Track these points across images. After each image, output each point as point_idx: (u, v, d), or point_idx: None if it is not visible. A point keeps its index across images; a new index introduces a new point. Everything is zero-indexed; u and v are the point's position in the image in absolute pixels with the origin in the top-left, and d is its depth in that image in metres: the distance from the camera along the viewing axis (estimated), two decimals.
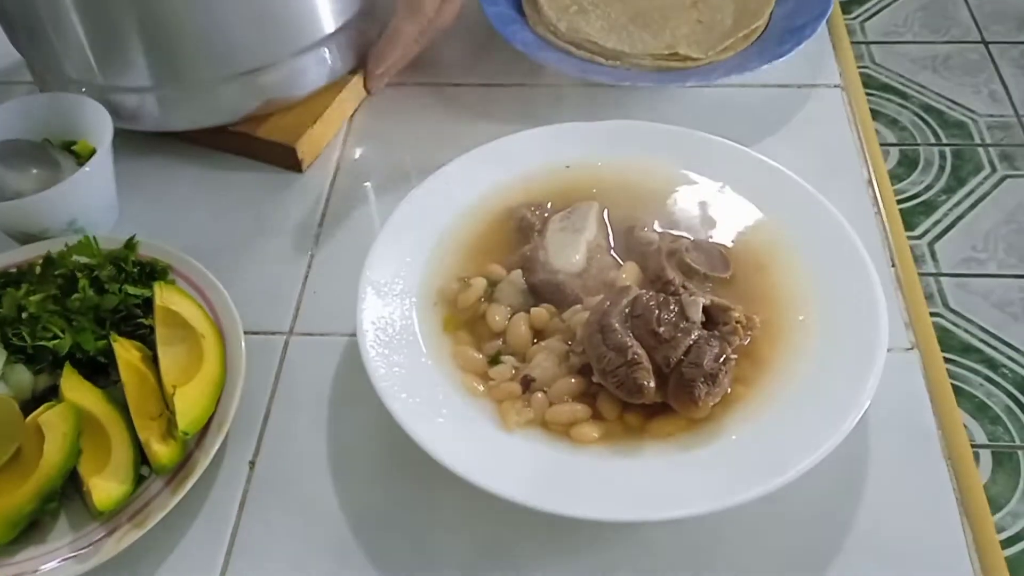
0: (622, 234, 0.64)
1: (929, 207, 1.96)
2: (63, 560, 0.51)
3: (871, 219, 0.68)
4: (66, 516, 0.53)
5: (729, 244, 0.63)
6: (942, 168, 2.03)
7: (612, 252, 0.63)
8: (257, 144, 0.74)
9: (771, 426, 0.52)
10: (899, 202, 1.98)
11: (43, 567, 0.50)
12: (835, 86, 0.79)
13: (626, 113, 0.77)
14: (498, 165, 0.68)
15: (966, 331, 1.73)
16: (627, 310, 0.55)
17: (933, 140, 2.08)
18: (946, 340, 1.71)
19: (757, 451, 0.52)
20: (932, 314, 1.77)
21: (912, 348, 0.60)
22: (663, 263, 0.59)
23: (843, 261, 0.59)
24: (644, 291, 0.56)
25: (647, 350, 0.54)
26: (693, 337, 0.54)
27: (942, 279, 1.82)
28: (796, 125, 0.76)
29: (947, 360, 1.68)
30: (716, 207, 0.65)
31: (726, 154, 0.67)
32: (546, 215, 0.65)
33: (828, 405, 0.52)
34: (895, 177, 2.02)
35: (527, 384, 0.56)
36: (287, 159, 0.74)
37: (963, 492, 0.54)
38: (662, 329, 0.54)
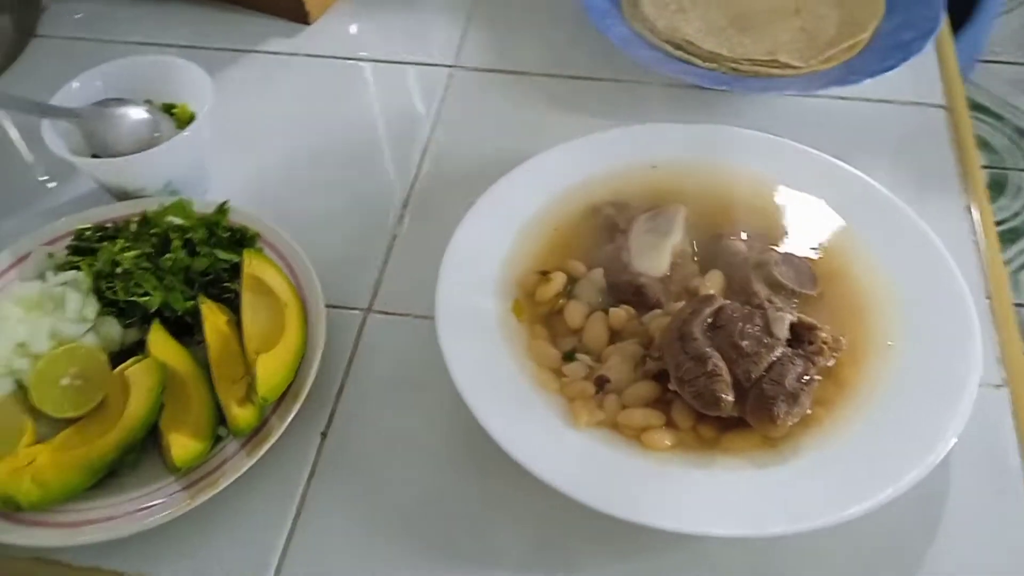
0: (708, 241, 0.63)
1: (1016, 235, 1.89)
2: (139, 511, 0.52)
3: (968, 246, 0.65)
4: (144, 468, 0.55)
5: (818, 260, 0.61)
6: None
7: (696, 259, 0.62)
8: None
9: (850, 453, 0.51)
10: None
11: (118, 515, 0.52)
12: (939, 106, 0.76)
13: (716, 117, 0.76)
14: (585, 160, 0.67)
15: None
16: (710, 320, 0.55)
17: None
18: None
19: (833, 478, 0.50)
20: None
21: (1002, 385, 0.58)
22: (750, 275, 0.58)
23: (938, 288, 0.57)
24: (729, 302, 0.56)
25: (727, 362, 0.53)
26: (777, 354, 0.53)
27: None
28: (895, 143, 0.74)
29: None
30: (807, 221, 0.63)
31: (821, 167, 0.65)
32: (631, 215, 0.64)
33: (912, 437, 0.51)
34: None
35: (601, 384, 0.55)
36: (296, 11, 0.86)
37: None
38: (745, 343, 0.53)
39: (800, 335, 0.54)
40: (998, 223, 1.90)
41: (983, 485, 0.54)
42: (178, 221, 0.63)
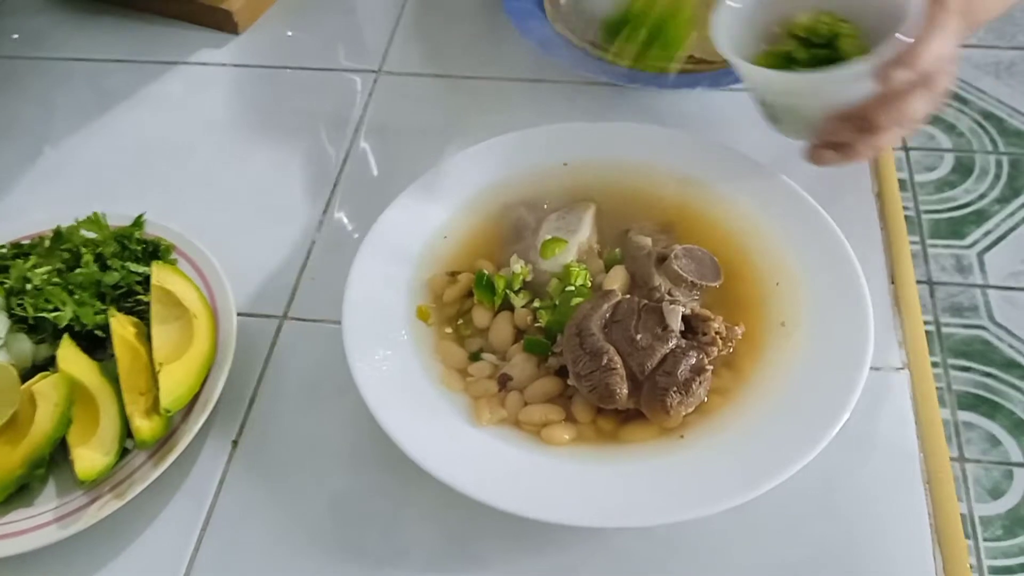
0: (614, 237, 0.64)
1: (981, 216, 1.89)
2: (46, 525, 0.53)
3: (875, 232, 0.66)
4: (54, 482, 0.56)
5: (722, 252, 0.62)
6: (998, 177, 1.96)
7: (601, 255, 0.63)
8: (197, 8, 0.89)
9: (743, 439, 0.52)
10: (950, 210, 1.92)
11: (27, 530, 0.53)
12: None
13: (636, 114, 0.77)
14: (498, 161, 0.68)
15: (1010, 346, 1.66)
16: (608, 315, 0.55)
17: (990, 148, 2.01)
18: (988, 354, 1.65)
19: (727, 464, 0.51)
20: (975, 327, 1.71)
21: (903, 368, 0.59)
22: (651, 269, 0.59)
23: (837, 275, 0.58)
24: (627, 296, 0.56)
25: (623, 356, 0.53)
26: (670, 346, 0.53)
27: (989, 291, 1.76)
28: None
29: (987, 375, 1.63)
30: (713, 214, 0.64)
31: (727, 161, 0.66)
32: (542, 214, 0.65)
33: (804, 422, 0.52)
34: (947, 184, 1.96)
35: (504, 383, 0.56)
36: (224, 21, 0.89)
37: (938, 517, 0.52)
38: (640, 336, 0.54)
39: (695, 327, 0.55)
40: (965, 205, 1.90)
41: (882, 465, 0.55)
42: (91, 235, 0.64)
